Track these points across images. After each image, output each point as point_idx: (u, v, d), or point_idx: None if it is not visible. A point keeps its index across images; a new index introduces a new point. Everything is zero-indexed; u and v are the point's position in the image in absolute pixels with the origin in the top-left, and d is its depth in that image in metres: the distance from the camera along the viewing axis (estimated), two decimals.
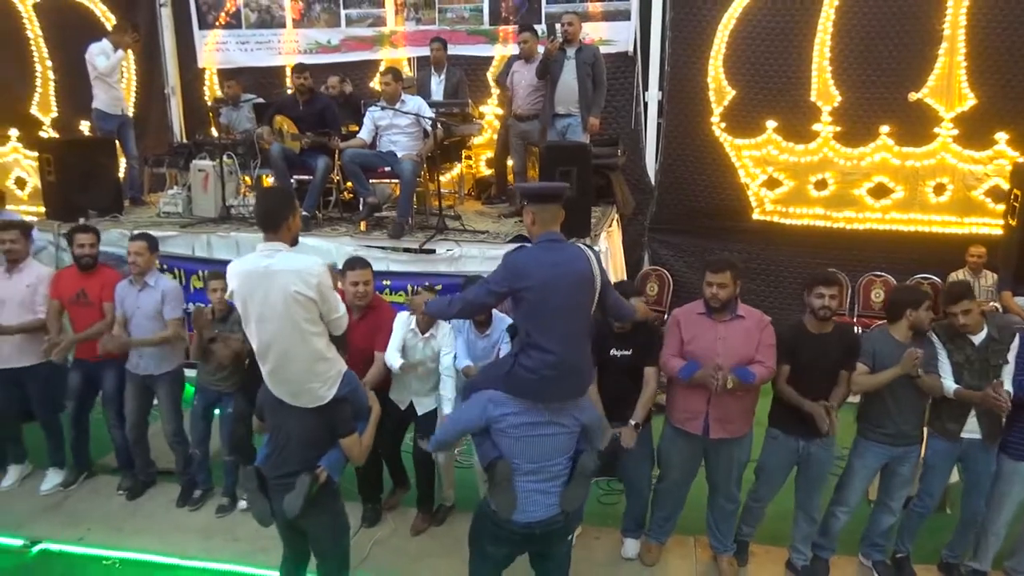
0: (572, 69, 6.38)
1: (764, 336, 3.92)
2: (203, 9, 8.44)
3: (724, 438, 4.00)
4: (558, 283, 3.15)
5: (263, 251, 3.16)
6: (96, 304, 4.86)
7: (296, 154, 6.43)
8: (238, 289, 3.16)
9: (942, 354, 3.96)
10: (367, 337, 4.34)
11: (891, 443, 4.00)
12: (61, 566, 4.41)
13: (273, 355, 3.19)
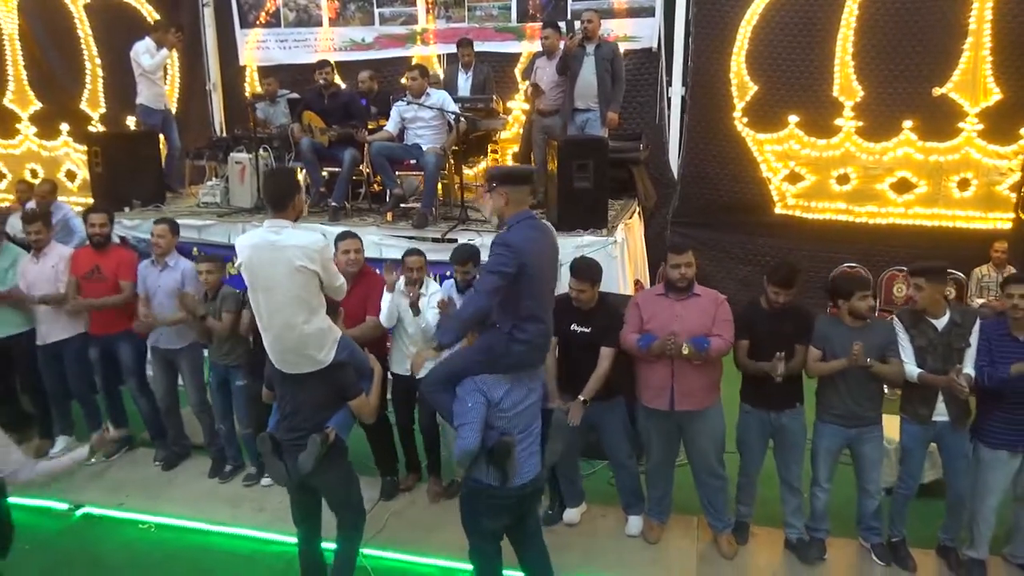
0: (591, 65, 6.56)
1: (720, 312, 4.17)
2: (244, 8, 8.80)
3: (690, 410, 4.20)
4: (543, 256, 3.48)
5: (270, 227, 3.41)
6: (110, 280, 5.22)
7: (325, 147, 6.73)
8: (246, 261, 3.40)
9: (904, 338, 4.10)
10: (360, 302, 4.66)
11: (845, 424, 4.18)
12: (101, 528, 4.77)
13: (276, 324, 3.43)
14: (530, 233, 3.43)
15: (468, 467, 3.43)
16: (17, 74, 9.81)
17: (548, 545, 4.37)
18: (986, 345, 4.00)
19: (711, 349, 4.06)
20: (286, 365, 3.53)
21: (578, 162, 5.98)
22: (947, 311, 4.10)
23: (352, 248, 4.74)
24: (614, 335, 4.27)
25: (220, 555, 4.47)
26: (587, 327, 4.33)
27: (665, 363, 4.15)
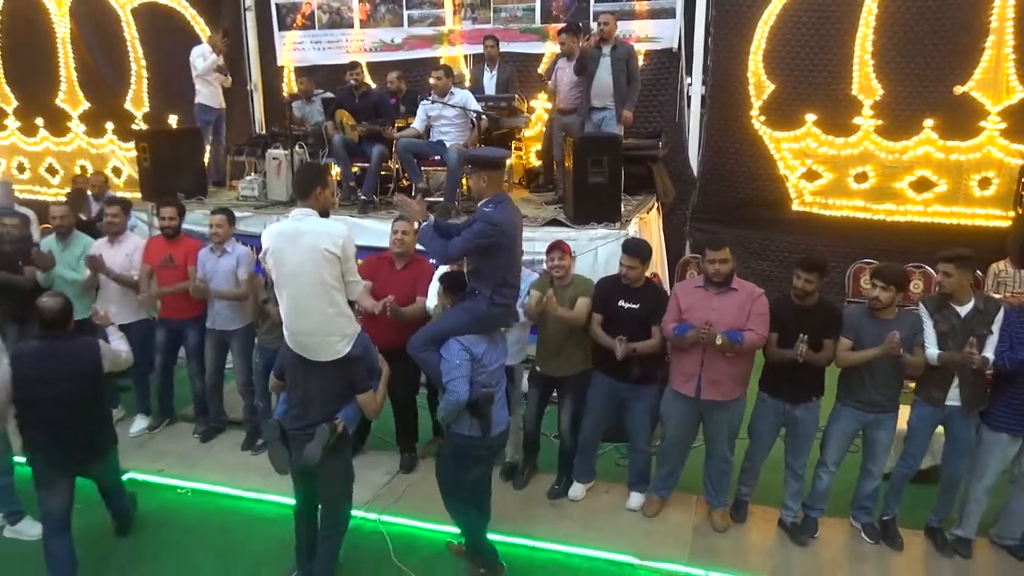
0: (608, 66, 6.79)
1: (756, 307, 4.30)
2: (282, 12, 9.23)
3: (715, 400, 4.39)
4: (516, 233, 3.96)
5: (295, 216, 3.70)
6: (181, 267, 5.62)
7: (355, 144, 7.10)
8: (272, 248, 3.63)
9: (928, 323, 4.24)
10: (410, 284, 5.00)
11: (864, 410, 4.33)
12: (143, 492, 5.15)
13: (298, 309, 3.66)
14: (508, 212, 3.90)
15: (451, 423, 3.82)
16: (68, 75, 10.36)
17: (551, 517, 4.72)
18: (1007, 331, 4.12)
19: (744, 342, 4.21)
20: (306, 350, 3.73)
21: (593, 158, 6.24)
22: (972, 298, 4.22)
23: (401, 230, 5.08)
24: (662, 314, 4.49)
25: (248, 517, 4.85)
26: (635, 304, 4.57)
27: (696, 352, 4.35)
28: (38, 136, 10.76)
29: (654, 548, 4.46)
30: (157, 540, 4.66)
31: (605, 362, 4.65)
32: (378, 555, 4.45)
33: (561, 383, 4.91)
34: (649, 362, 4.58)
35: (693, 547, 4.48)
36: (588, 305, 4.65)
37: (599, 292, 4.69)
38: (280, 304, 3.78)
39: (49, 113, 10.58)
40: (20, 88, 10.64)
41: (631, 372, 4.56)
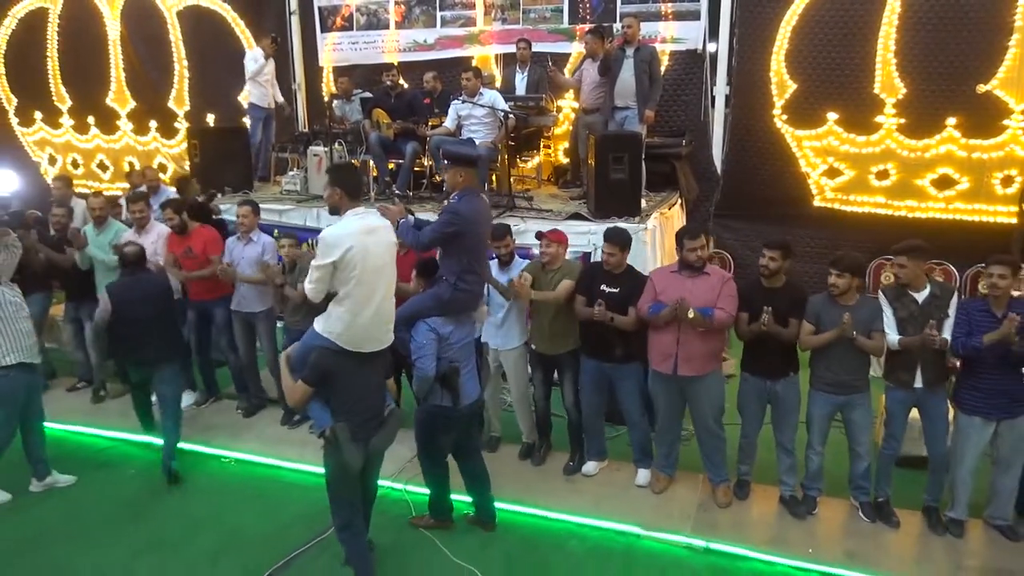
0: (630, 67, 7.07)
1: (725, 288, 4.69)
2: (324, 14, 9.67)
3: (691, 375, 4.73)
4: (481, 223, 4.54)
5: (359, 214, 3.88)
6: (200, 255, 6.08)
7: (390, 141, 7.50)
8: (356, 246, 3.71)
9: (887, 310, 4.50)
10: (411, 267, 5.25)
11: (835, 392, 4.63)
12: (191, 461, 5.64)
13: (379, 298, 3.84)
14: (474, 204, 4.44)
15: (426, 395, 4.26)
16: (118, 76, 10.88)
17: (564, 491, 5.10)
18: (966, 318, 4.36)
19: (714, 318, 4.58)
20: (375, 343, 3.90)
21: (614, 155, 6.54)
22: (927, 285, 4.49)
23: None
24: (640, 298, 4.84)
25: (285, 484, 5.28)
26: (615, 288, 4.91)
27: (671, 331, 4.70)
28: (90, 134, 11.34)
29: (659, 520, 4.76)
30: (205, 503, 5.11)
31: (590, 346, 5.06)
32: (403, 520, 4.84)
33: (558, 361, 5.26)
34: (630, 342, 4.92)
35: (696, 520, 4.77)
36: (569, 286, 5.01)
37: (583, 277, 5.07)
38: (362, 301, 3.82)
39: (100, 112, 11.13)
40: (74, 88, 11.22)
41: (614, 352, 4.94)
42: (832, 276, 4.54)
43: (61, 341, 7.10)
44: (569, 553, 4.56)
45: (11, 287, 5.14)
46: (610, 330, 4.89)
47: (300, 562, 4.44)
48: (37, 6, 10.95)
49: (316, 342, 3.89)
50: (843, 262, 4.56)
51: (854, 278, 4.56)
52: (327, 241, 3.77)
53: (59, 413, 6.28)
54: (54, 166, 11.63)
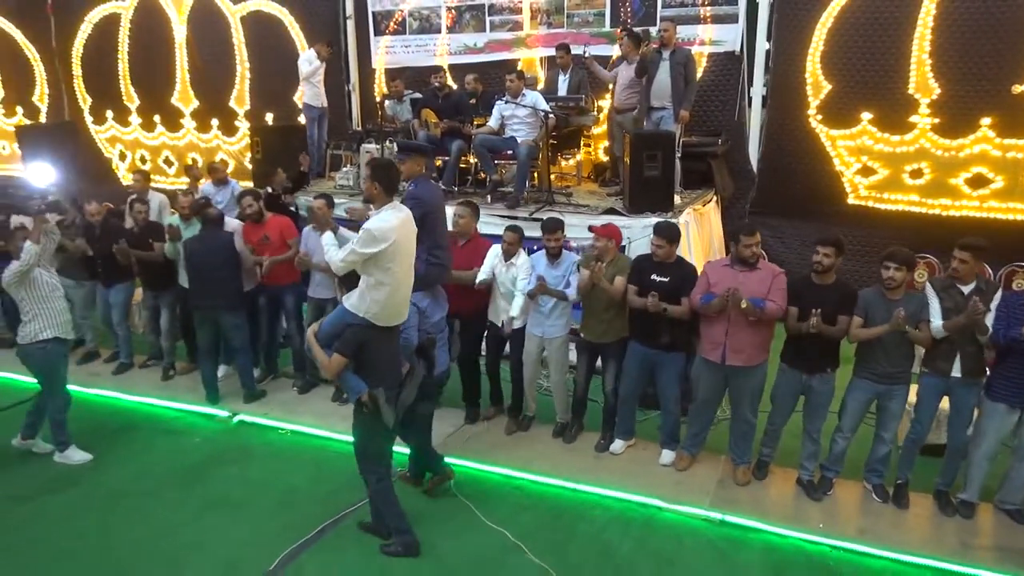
0: (667, 69, 7.37)
1: (776, 282, 4.90)
2: (378, 19, 10.17)
3: (738, 365, 4.98)
4: (440, 203, 5.15)
5: (394, 207, 4.29)
6: (276, 242, 6.57)
7: (438, 139, 7.94)
8: (397, 239, 4.15)
9: (934, 301, 4.69)
10: (468, 257, 5.82)
11: (878, 381, 4.82)
12: (251, 432, 6.18)
13: (407, 281, 4.35)
14: (430, 188, 5.12)
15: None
16: (183, 77, 11.57)
17: (591, 466, 5.52)
18: (1005, 311, 4.54)
19: (765, 309, 4.81)
20: (401, 318, 4.39)
21: (648, 153, 6.87)
22: (975, 280, 4.68)
23: (459, 215, 5.90)
24: (690, 287, 5.12)
25: (334, 454, 5.72)
26: (665, 277, 5.20)
27: (722, 322, 4.96)
28: (155, 131, 12.07)
29: (679, 494, 5.09)
30: (263, 468, 5.61)
31: (639, 331, 5.35)
32: (443, 490, 5.25)
33: (604, 349, 5.59)
34: (677, 331, 5.21)
35: (715, 496, 5.08)
36: (624, 282, 5.32)
37: (635, 268, 5.36)
38: (394, 282, 4.23)
39: (165, 111, 11.84)
40: (142, 89, 11.95)
41: (661, 340, 5.22)
42: (890, 270, 4.68)
43: (135, 324, 7.71)
44: (593, 521, 4.92)
45: (48, 270, 5.70)
46: (659, 319, 5.15)
47: (348, 521, 4.89)
48: (110, 11, 11.71)
49: (351, 321, 4.27)
50: (899, 256, 4.70)
51: (909, 271, 4.74)
52: (373, 235, 4.11)
53: (132, 387, 6.93)
54: (124, 161, 12.41)
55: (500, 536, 4.72)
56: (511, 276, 5.71)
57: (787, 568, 4.46)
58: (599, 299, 5.42)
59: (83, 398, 6.78)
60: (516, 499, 5.18)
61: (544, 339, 5.76)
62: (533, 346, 5.81)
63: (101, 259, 7.05)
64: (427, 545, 4.63)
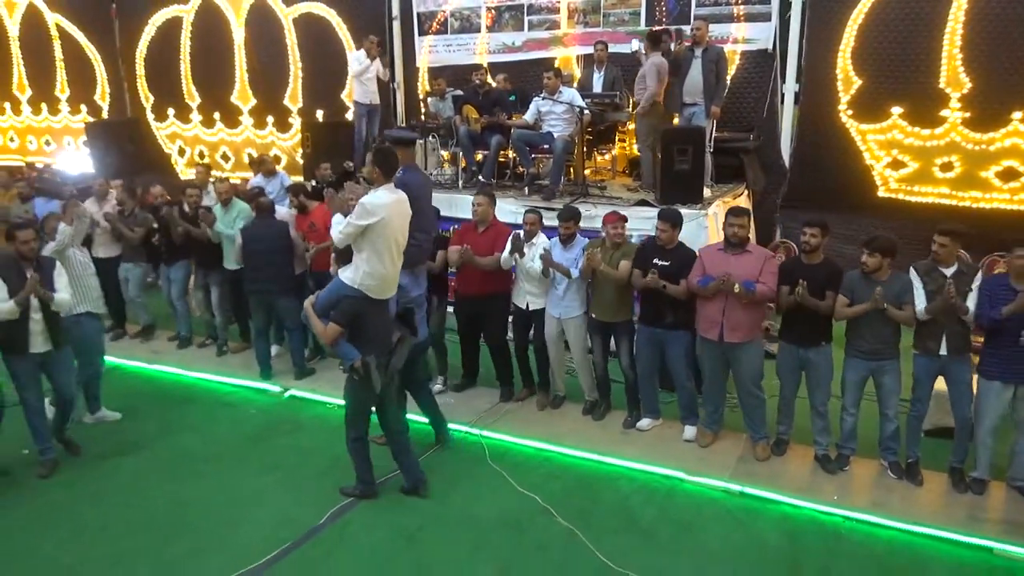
0: (699, 66, 7.65)
1: (767, 265, 5.27)
2: (422, 19, 10.60)
3: (735, 342, 5.31)
4: (424, 189, 5.51)
5: (390, 189, 4.75)
6: (322, 229, 6.95)
7: (478, 134, 8.33)
8: (387, 217, 4.61)
9: (918, 284, 4.96)
10: (489, 242, 6.21)
11: (867, 358, 5.12)
12: (301, 405, 6.67)
13: (397, 256, 4.80)
14: (416, 176, 5.49)
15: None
16: (241, 76, 12.18)
17: (618, 441, 5.88)
18: (988, 293, 4.79)
19: (756, 291, 5.16)
20: (391, 290, 4.86)
21: (679, 147, 7.15)
22: (956, 263, 4.94)
23: (477, 203, 6.34)
24: (688, 271, 5.46)
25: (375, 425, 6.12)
26: (667, 261, 5.57)
27: (718, 302, 5.30)
28: (215, 128, 12.71)
29: (701, 468, 5.39)
30: (312, 437, 6.06)
31: (645, 315, 5.76)
32: (477, 459, 5.65)
33: (615, 328, 5.94)
34: (678, 311, 5.57)
35: (735, 470, 5.37)
36: (627, 266, 5.68)
37: (639, 252, 5.74)
38: (389, 257, 4.71)
39: (224, 108, 12.46)
40: (202, 88, 12.60)
41: (665, 319, 5.60)
42: (864, 255, 5.05)
43: (192, 308, 8.24)
44: (618, 490, 5.25)
45: (82, 250, 6.26)
46: (663, 300, 5.53)
47: (390, 483, 5.30)
48: (172, 15, 12.37)
49: (346, 292, 4.73)
50: (875, 243, 5.06)
51: (884, 257, 5.03)
52: (367, 208, 4.60)
53: (192, 364, 7.46)
54: (183, 157, 13.08)
55: (531, 501, 5.08)
56: (532, 254, 6.07)
57: (800, 535, 4.73)
58: (606, 283, 5.78)
59: (148, 373, 7.42)
60: (546, 469, 5.54)
61: (561, 320, 6.10)
62: (552, 327, 6.16)
63: (164, 238, 7.62)
64: (464, 507, 5.04)
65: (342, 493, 5.14)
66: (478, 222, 6.33)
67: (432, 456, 5.70)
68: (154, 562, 4.51)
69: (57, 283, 5.37)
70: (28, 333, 5.23)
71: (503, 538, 4.72)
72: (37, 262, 5.33)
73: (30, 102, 14.38)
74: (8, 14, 13.99)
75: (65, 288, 5.43)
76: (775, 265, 5.33)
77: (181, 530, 4.83)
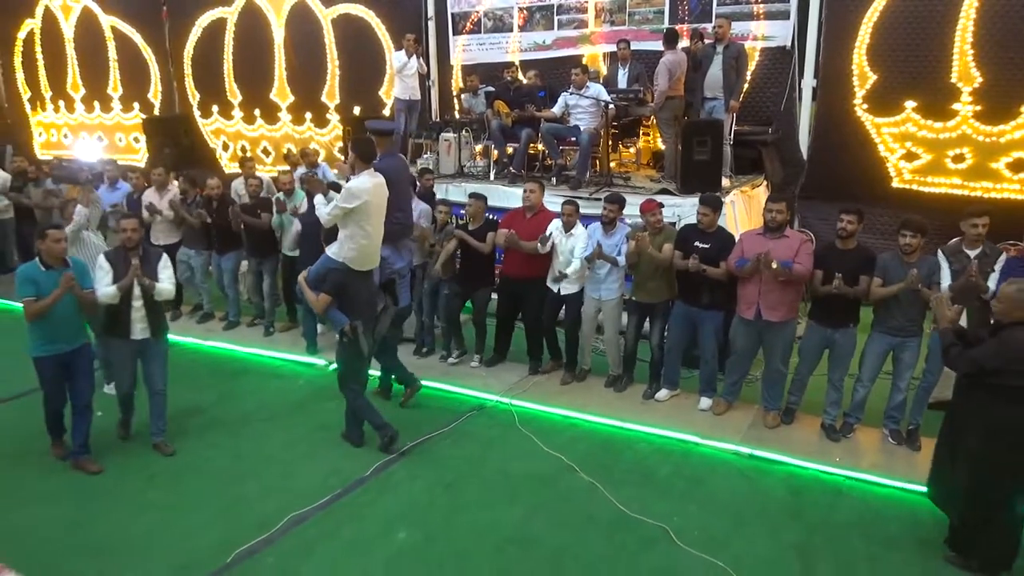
0: (719, 63, 8.08)
1: (803, 248, 5.63)
2: (456, 19, 11.14)
3: (771, 321, 5.71)
4: (403, 173, 6.24)
5: (371, 174, 5.42)
6: None
7: (509, 128, 8.84)
8: (371, 197, 5.33)
9: (945, 266, 5.33)
10: (536, 227, 6.71)
11: (893, 334, 5.48)
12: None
13: (378, 233, 5.51)
14: (394, 162, 6.08)
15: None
16: (280, 74, 12.80)
17: (638, 409, 6.38)
18: (1007, 272, 5.13)
19: (793, 270, 5.53)
20: (373, 263, 5.58)
21: (698, 139, 7.59)
22: (981, 245, 5.31)
23: (528, 189, 6.87)
24: (727, 253, 5.87)
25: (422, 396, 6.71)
26: (707, 244, 6.00)
27: (755, 283, 5.69)
28: (255, 124, 13.36)
29: (714, 432, 5.86)
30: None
31: (683, 292, 6.17)
32: (508, 425, 6.16)
33: (651, 309, 6.39)
34: (715, 292, 5.98)
35: (746, 435, 5.82)
36: (672, 248, 6.10)
37: (681, 234, 6.17)
38: (370, 232, 5.43)
39: (264, 105, 13.10)
40: (244, 85, 13.25)
41: (702, 299, 6.00)
42: (907, 236, 5.32)
43: (241, 291, 8.83)
44: (637, 451, 5.74)
45: (96, 234, 6.91)
46: (700, 281, 5.95)
47: (430, 442, 5.85)
48: (217, 17, 13.04)
49: (332, 265, 5.43)
50: (914, 224, 5.35)
51: (923, 237, 5.36)
52: (352, 192, 5.30)
53: (242, 340, 8.08)
54: (227, 151, 13.75)
55: (557, 460, 5.57)
56: (570, 245, 6.55)
57: (803, 491, 5.18)
58: (648, 265, 6.22)
59: (203, 349, 8.03)
60: (571, 434, 6.03)
61: (600, 300, 6.57)
62: (591, 306, 6.64)
63: (217, 229, 8.21)
64: (496, 464, 5.57)
65: (380, 449, 5.70)
66: (527, 208, 6.83)
67: (467, 422, 6.23)
68: (223, 501, 5.11)
69: (161, 274, 5.62)
70: (130, 320, 5.57)
71: (531, 489, 5.23)
72: (145, 252, 5.63)
73: (83, 100, 15.17)
74: (64, 17, 14.78)
75: (168, 280, 5.67)
76: (811, 248, 5.70)
77: (244, 477, 5.42)
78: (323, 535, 4.74)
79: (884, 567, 4.41)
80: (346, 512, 5.00)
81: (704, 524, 4.78)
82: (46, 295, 5.14)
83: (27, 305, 5.18)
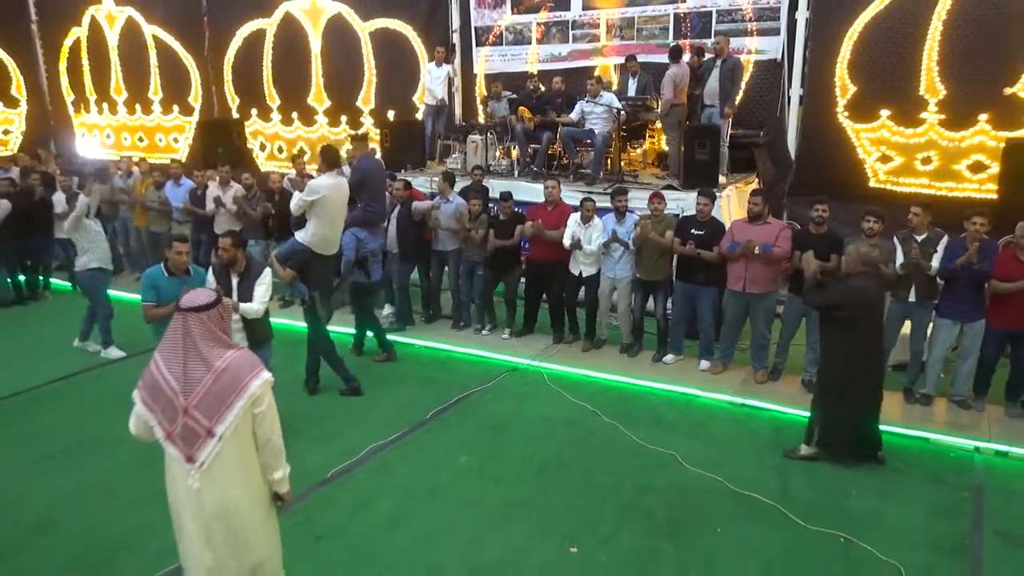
0: (717, 75, 9.25)
1: (782, 234, 6.82)
2: (479, 33, 12.29)
3: (755, 292, 6.90)
4: (378, 171, 7.77)
5: (332, 175, 6.75)
6: None
7: (531, 131, 10.00)
8: (329, 192, 6.62)
9: (898, 249, 6.49)
10: (557, 218, 7.90)
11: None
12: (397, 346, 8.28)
13: (336, 224, 6.89)
14: (370, 161, 7.76)
15: (349, 272, 7.34)
16: (317, 81, 13.90)
17: (648, 370, 7.51)
18: (949, 252, 6.29)
19: (772, 252, 6.72)
20: (332, 249, 6.91)
21: (698, 141, 8.76)
22: (927, 231, 6.46)
23: (550, 185, 8.12)
24: (720, 239, 7.05)
25: (455, 360, 7.88)
26: (702, 231, 7.19)
27: (742, 262, 6.88)
28: (293, 126, 14.47)
29: (712, 387, 7.05)
30: (406, 367, 7.80)
31: (682, 271, 7.38)
32: (539, 383, 7.34)
33: (653, 285, 7.59)
34: (710, 271, 7.18)
35: (739, 388, 7.00)
36: (672, 235, 7.30)
37: (680, 223, 7.36)
38: (324, 223, 6.73)
39: (301, 109, 14.21)
40: (282, 90, 14.36)
41: (697, 277, 7.21)
42: (870, 222, 6.39)
43: None
44: (648, 401, 6.93)
45: (95, 220, 8.15)
46: (696, 262, 7.16)
47: (473, 397, 7.03)
48: (257, 27, 14.17)
49: (298, 247, 6.79)
50: (875, 212, 6.46)
51: (882, 223, 6.46)
52: (313, 188, 6.64)
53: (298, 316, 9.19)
54: (264, 152, 14.87)
55: (582, 408, 6.75)
56: (589, 235, 7.71)
57: (784, 429, 6.36)
58: (651, 249, 7.41)
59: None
60: (593, 389, 7.21)
61: (615, 279, 7.74)
62: (606, 285, 7.82)
63: (277, 218, 9.35)
64: (533, 413, 6.73)
65: (342, 393, 7.03)
66: (548, 202, 7.98)
67: (503, 380, 7.40)
68: (308, 437, 6.22)
69: (256, 290, 5.69)
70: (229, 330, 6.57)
71: (563, 428, 6.40)
72: (247, 266, 5.76)
73: (125, 103, 16.29)
74: (109, 26, 15.91)
75: (259, 298, 5.70)
76: (789, 234, 6.89)
77: (320, 419, 6.59)
78: (399, 459, 5.90)
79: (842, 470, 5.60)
80: (414, 446, 6.16)
81: (705, 452, 5.96)
82: (165, 300, 5.55)
83: (146, 309, 5.70)
